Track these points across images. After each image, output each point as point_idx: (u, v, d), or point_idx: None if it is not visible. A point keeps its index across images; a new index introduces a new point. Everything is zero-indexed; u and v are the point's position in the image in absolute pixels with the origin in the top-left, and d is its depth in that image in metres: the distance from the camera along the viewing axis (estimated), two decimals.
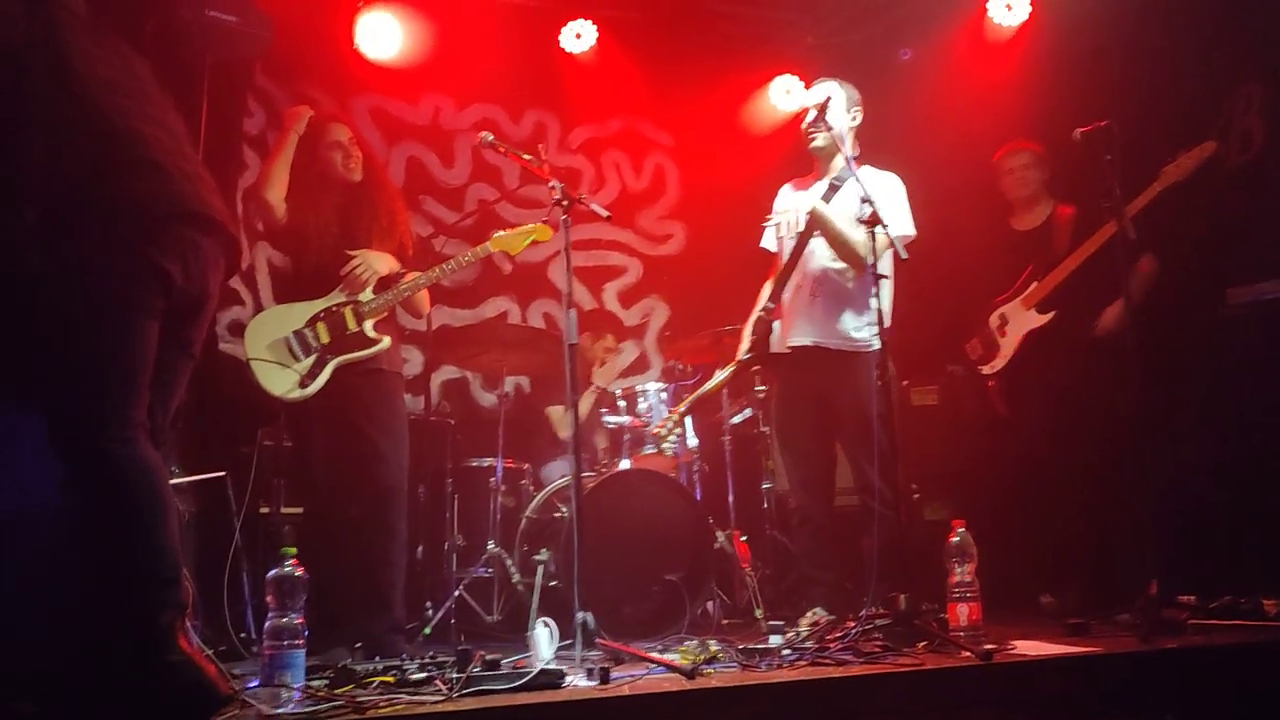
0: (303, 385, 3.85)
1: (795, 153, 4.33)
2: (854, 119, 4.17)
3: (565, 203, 3.54)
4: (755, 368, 4.30)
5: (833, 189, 4.11)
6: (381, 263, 4.02)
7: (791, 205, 4.19)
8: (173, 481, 3.44)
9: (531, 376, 5.85)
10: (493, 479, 4.97)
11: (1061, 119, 4.50)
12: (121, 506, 2.21)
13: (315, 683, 2.84)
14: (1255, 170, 4.31)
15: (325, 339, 3.92)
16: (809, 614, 3.87)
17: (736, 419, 5.42)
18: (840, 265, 4.01)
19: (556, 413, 5.52)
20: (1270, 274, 4.05)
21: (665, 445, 4.21)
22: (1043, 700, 2.88)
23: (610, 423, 4.84)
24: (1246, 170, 4.45)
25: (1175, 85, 4.85)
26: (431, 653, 3.36)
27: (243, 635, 3.94)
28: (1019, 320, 4.73)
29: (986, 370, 4.84)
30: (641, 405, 4.90)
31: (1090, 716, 2.82)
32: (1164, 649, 3.14)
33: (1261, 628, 3.50)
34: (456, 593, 4.70)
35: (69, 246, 2.17)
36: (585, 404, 5.30)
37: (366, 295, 3.98)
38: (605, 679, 2.77)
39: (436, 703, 2.55)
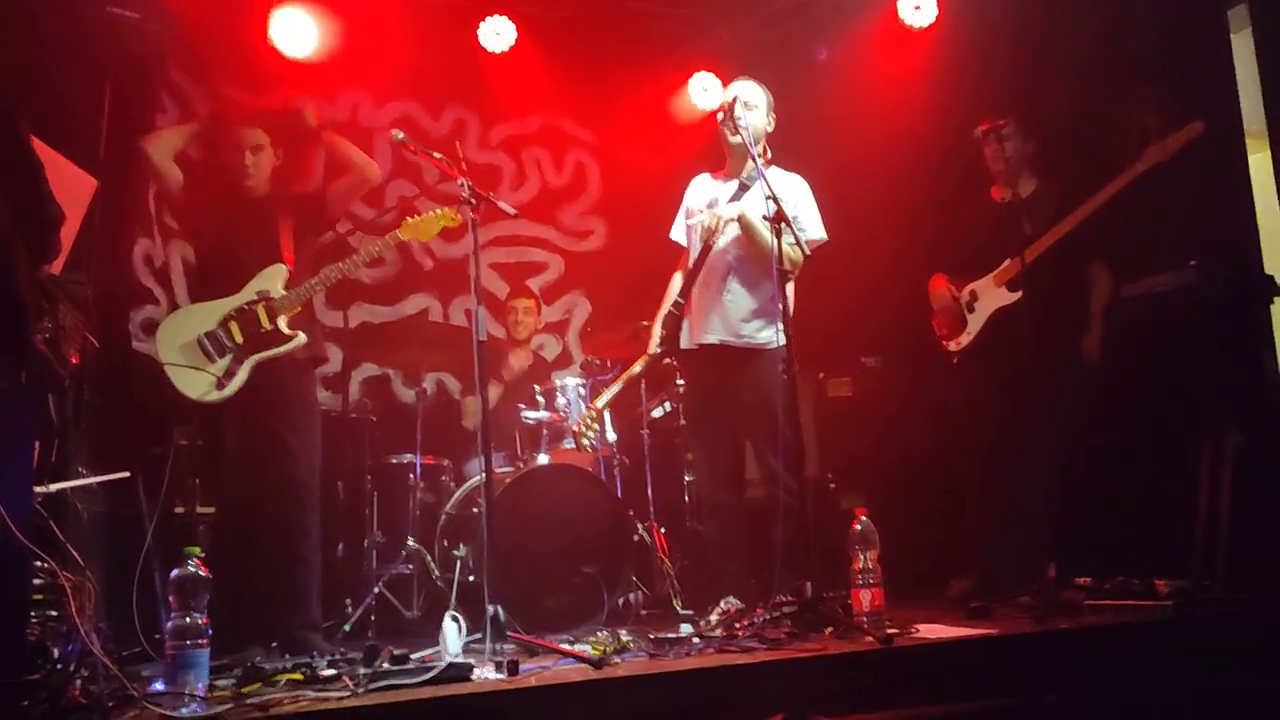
0: (220, 386, 3.83)
1: (713, 149, 4.39)
2: (770, 123, 4.25)
3: (473, 201, 3.57)
4: (668, 361, 4.35)
5: (743, 189, 4.17)
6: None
7: (712, 204, 4.22)
8: (79, 482, 3.43)
9: (453, 373, 5.85)
10: (412, 475, 4.97)
11: (971, 116, 4.66)
12: None
13: (222, 682, 2.86)
14: (1151, 167, 4.43)
15: (240, 338, 3.89)
16: (721, 603, 3.94)
17: (656, 413, 5.48)
18: (747, 265, 4.08)
19: (470, 403, 5.53)
20: (1161, 268, 4.21)
21: (585, 441, 4.25)
22: (940, 681, 2.98)
23: (529, 418, 4.86)
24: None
25: (1075, 83, 5.01)
26: (343, 649, 3.37)
27: (156, 636, 3.89)
28: (989, 297, 4.58)
29: (953, 347, 4.67)
30: (560, 400, 4.93)
31: (983, 695, 2.91)
32: (1056, 629, 3.28)
33: (1152, 607, 3.64)
34: (376, 589, 4.70)
35: None
36: (494, 393, 5.31)
37: (278, 291, 3.96)
38: (514, 671, 2.82)
39: (343, 699, 2.58)
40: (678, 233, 4.39)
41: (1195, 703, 3.05)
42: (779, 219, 3.67)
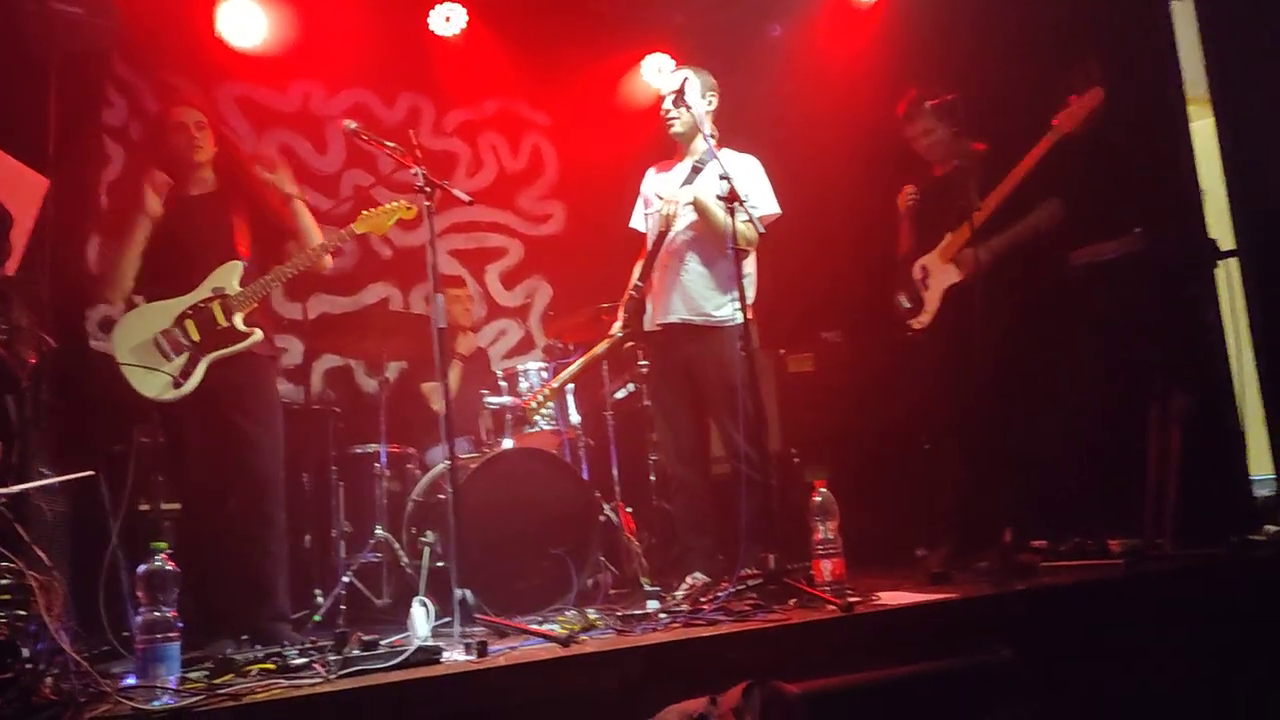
0: (177, 385, 3.82)
1: (667, 132, 4.42)
2: (709, 104, 4.28)
3: (428, 189, 3.58)
4: (630, 344, 4.41)
5: (695, 171, 4.23)
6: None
7: (666, 193, 4.26)
8: (42, 483, 3.42)
9: (411, 361, 5.86)
10: (377, 464, 4.98)
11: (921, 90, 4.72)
12: None
13: (194, 674, 2.88)
14: (1094, 138, 4.52)
15: (196, 337, 3.87)
16: (688, 578, 4.01)
17: (620, 394, 5.52)
18: (704, 245, 4.13)
19: (429, 387, 5.54)
20: (1107, 235, 4.30)
21: (538, 419, 4.29)
22: (901, 645, 3.06)
23: (492, 403, 4.89)
24: (1086, 138, 4.67)
25: (1023, 58, 5.08)
26: (312, 638, 3.39)
27: (125, 634, 3.90)
28: (938, 275, 4.58)
29: (916, 325, 4.62)
30: (523, 385, 4.96)
31: (943, 656, 2.99)
32: (1013, 591, 3.37)
33: (1105, 565, 3.75)
34: (345, 579, 4.71)
35: None
36: (454, 375, 5.33)
37: (234, 288, 3.95)
38: (483, 652, 2.86)
39: (314, 685, 2.61)
40: (637, 221, 4.46)
41: (1146, 653, 3.15)
42: (732, 198, 3.72)
